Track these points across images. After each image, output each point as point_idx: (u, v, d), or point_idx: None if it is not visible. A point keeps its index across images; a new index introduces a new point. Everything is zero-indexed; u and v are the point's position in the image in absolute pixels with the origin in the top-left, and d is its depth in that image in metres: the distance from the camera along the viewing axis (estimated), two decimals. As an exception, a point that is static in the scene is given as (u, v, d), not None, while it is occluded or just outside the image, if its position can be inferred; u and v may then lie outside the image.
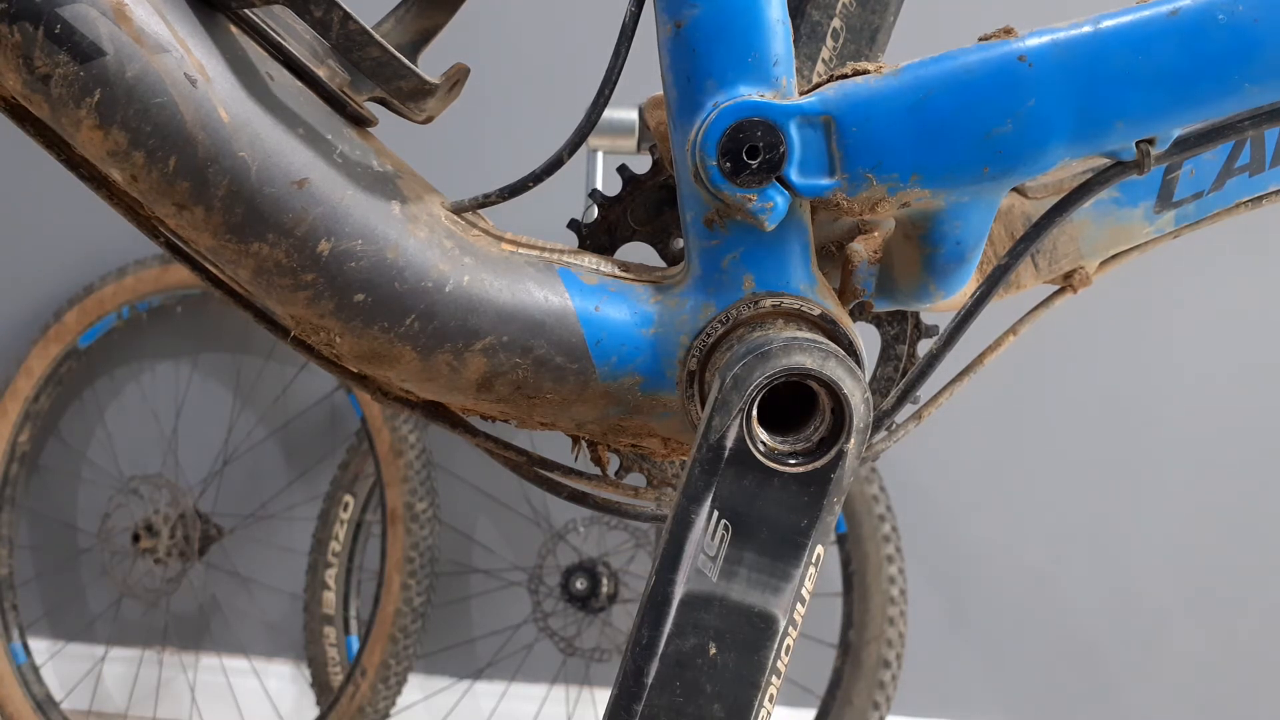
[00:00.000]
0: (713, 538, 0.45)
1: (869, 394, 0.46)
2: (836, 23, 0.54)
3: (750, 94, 0.46)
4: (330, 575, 1.69)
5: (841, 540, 1.52)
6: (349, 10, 0.45)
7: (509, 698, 1.79)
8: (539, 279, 0.50)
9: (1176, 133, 0.46)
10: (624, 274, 0.52)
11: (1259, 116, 0.46)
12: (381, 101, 0.51)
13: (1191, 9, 0.44)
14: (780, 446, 0.46)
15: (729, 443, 0.45)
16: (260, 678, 1.88)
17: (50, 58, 0.42)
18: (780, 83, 0.47)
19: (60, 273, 1.86)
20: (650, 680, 0.45)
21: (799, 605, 0.46)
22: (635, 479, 0.60)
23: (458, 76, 0.51)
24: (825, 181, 0.46)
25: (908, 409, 0.56)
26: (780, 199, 0.46)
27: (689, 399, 0.50)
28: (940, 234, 0.49)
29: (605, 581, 1.65)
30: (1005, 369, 1.57)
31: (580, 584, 1.64)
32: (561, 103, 1.23)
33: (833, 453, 0.46)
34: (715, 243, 0.48)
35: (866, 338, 0.51)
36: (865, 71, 0.46)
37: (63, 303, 1.80)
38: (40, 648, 1.90)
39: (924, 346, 0.62)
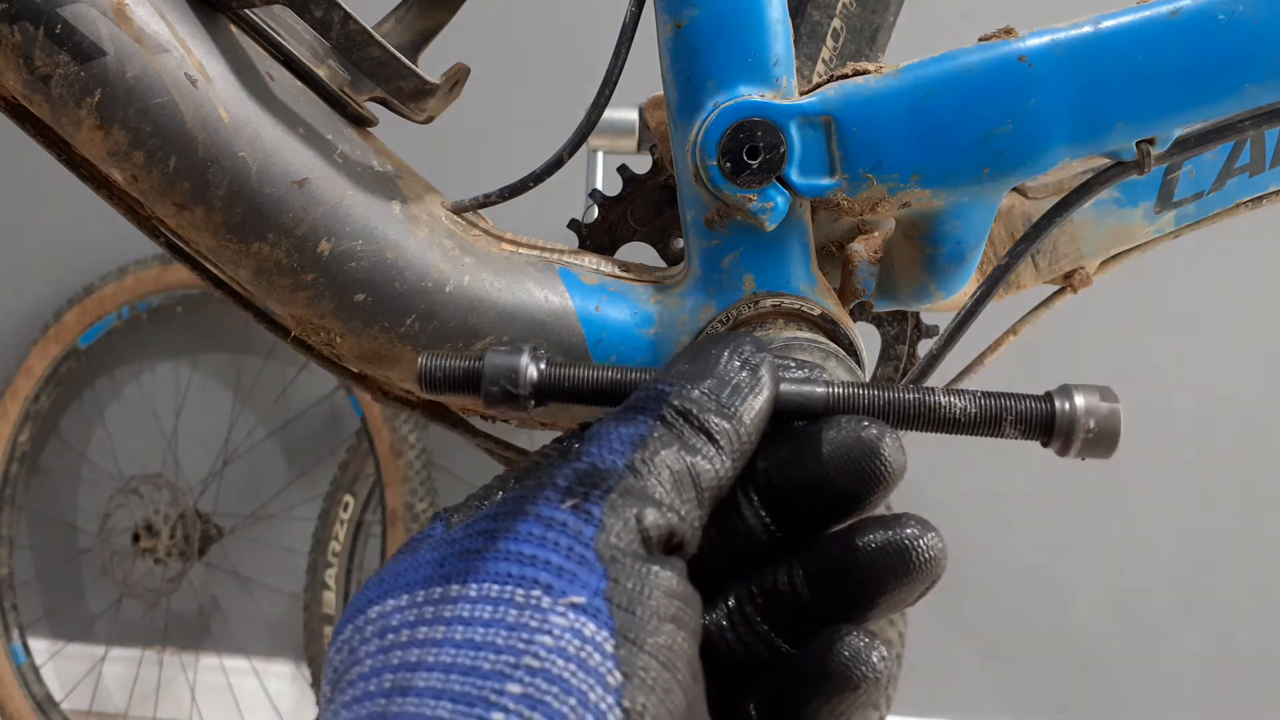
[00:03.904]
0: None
1: (869, 394, 0.46)
2: (836, 23, 0.54)
3: (750, 94, 0.46)
4: (330, 575, 1.70)
5: (841, 540, 1.52)
6: (349, 10, 0.45)
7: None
8: (539, 279, 0.50)
9: (1177, 133, 0.46)
10: (624, 274, 0.52)
11: (1259, 116, 0.46)
12: (382, 101, 0.51)
13: (1191, 9, 0.44)
14: (780, 446, 0.46)
15: (729, 443, 0.45)
16: (260, 678, 1.88)
17: (51, 58, 0.42)
18: (780, 83, 0.47)
19: (60, 273, 1.86)
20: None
21: (799, 605, 0.46)
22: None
23: (458, 76, 0.51)
24: (825, 181, 0.46)
25: (908, 409, 0.56)
26: (780, 199, 0.46)
27: (689, 399, 0.50)
28: (940, 234, 0.49)
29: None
30: (1005, 369, 1.57)
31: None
32: (561, 103, 1.23)
33: (833, 453, 0.46)
34: (715, 243, 0.48)
35: (867, 338, 0.51)
36: (865, 71, 0.46)
37: (63, 303, 1.80)
38: (40, 648, 1.90)
39: (924, 346, 0.62)
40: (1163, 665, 1.70)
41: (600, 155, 1.29)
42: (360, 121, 0.51)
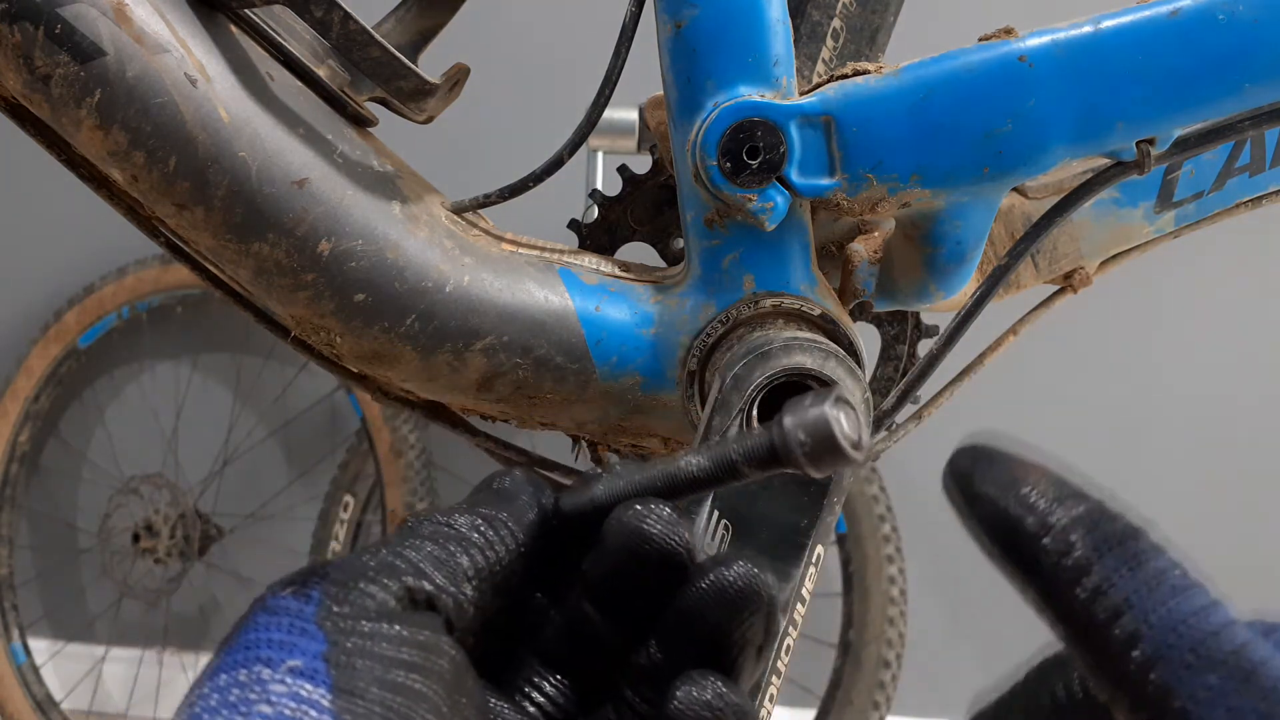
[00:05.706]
0: (713, 538, 0.45)
1: (869, 394, 0.46)
2: (836, 23, 0.54)
3: (750, 94, 0.46)
4: (330, 575, 1.69)
5: (841, 540, 1.52)
6: (349, 10, 0.45)
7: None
8: (539, 279, 0.50)
9: (1177, 133, 0.46)
10: (624, 274, 0.52)
11: (1259, 116, 0.46)
12: (382, 101, 0.51)
13: (1191, 9, 0.44)
14: (780, 446, 0.46)
15: (729, 443, 0.45)
16: (260, 678, 1.87)
17: (51, 58, 0.42)
18: (780, 83, 0.47)
19: (60, 273, 1.85)
20: (650, 680, 0.45)
21: (799, 605, 0.46)
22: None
23: (458, 76, 0.51)
24: (825, 181, 0.46)
25: (908, 409, 0.56)
26: (780, 199, 0.46)
27: (689, 399, 0.50)
28: (940, 234, 0.49)
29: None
30: (1005, 369, 1.57)
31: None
32: (561, 103, 1.23)
33: (833, 453, 0.45)
34: (715, 243, 0.48)
35: (867, 338, 0.51)
36: (865, 71, 0.46)
37: (63, 303, 1.80)
38: (40, 648, 1.90)
39: (924, 346, 0.62)
40: (1163, 665, 1.70)
41: (600, 155, 1.29)
42: (360, 121, 0.51)
